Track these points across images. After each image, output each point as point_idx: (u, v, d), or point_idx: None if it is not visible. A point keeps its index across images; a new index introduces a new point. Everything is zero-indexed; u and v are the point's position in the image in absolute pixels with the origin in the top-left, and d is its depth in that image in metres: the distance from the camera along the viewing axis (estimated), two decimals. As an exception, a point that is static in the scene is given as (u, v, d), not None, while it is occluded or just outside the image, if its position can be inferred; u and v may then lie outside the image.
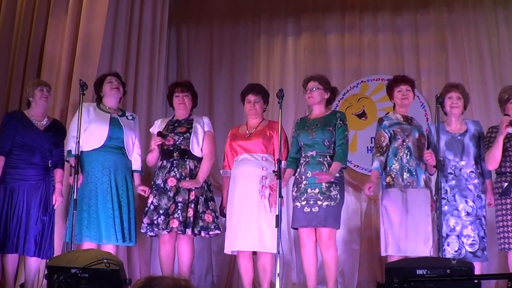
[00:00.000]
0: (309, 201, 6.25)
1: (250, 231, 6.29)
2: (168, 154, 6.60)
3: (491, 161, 6.21)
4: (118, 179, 6.51)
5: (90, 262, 4.90)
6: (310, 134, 6.42)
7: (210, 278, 8.42)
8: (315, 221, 6.23)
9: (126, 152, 6.61)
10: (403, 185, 6.29)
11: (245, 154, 6.54)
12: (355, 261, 8.09)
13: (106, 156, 6.47)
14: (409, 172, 6.30)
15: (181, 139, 6.61)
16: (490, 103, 8.01)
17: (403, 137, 6.36)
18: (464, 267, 4.75)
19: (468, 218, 6.21)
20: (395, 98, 6.53)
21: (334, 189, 6.25)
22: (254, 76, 8.78)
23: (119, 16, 7.52)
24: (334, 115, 6.51)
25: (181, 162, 6.56)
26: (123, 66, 7.53)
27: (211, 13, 9.24)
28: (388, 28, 8.80)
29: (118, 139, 6.56)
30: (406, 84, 6.54)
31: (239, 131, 6.76)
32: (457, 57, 8.53)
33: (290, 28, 9.06)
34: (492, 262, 7.16)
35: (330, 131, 6.37)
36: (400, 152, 6.35)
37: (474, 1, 8.64)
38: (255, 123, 6.69)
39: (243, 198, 6.40)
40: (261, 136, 6.54)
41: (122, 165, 6.57)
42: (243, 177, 6.46)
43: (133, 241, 6.54)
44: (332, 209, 6.21)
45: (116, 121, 6.61)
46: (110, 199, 6.41)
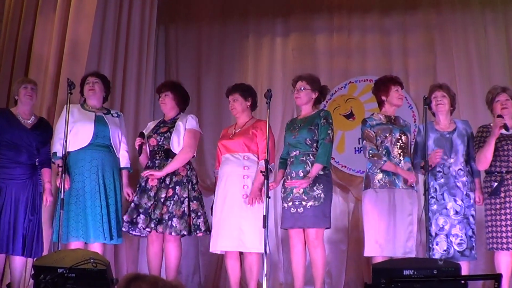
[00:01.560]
0: (295, 201, 6.27)
1: (231, 231, 6.29)
2: (153, 155, 6.60)
3: (483, 162, 6.24)
4: (106, 177, 6.49)
5: (77, 262, 4.88)
6: (293, 134, 6.45)
7: (197, 278, 8.41)
8: (301, 222, 6.25)
9: (114, 150, 6.60)
10: (379, 186, 6.30)
11: (227, 154, 6.54)
12: (342, 261, 8.10)
13: (94, 154, 6.45)
14: (385, 173, 6.31)
15: (162, 139, 6.59)
16: (478, 104, 8.03)
17: (382, 138, 6.37)
18: (451, 267, 4.77)
19: (456, 217, 6.23)
20: (391, 96, 6.48)
21: (318, 188, 6.25)
22: (242, 76, 8.76)
23: (107, 15, 7.50)
24: (318, 114, 6.50)
25: (163, 162, 6.53)
26: (111, 66, 7.52)
27: (199, 13, 9.22)
28: (377, 29, 8.82)
29: (104, 137, 6.54)
30: (401, 86, 6.60)
31: (228, 131, 6.76)
32: (445, 59, 8.56)
33: (278, 29, 9.06)
34: (479, 262, 7.18)
35: (312, 130, 6.37)
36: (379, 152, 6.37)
37: (462, 3, 8.67)
38: (242, 122, 6.68)
39: (225, 198, 6.40)
40: (242, 136, 6.52)
41: (109, 162, 6.55)
42: (225, 177, 6.47)
43: (120, 239, 6.53)
44: (316, 209, 6.22)
45: (101, 119, 6.60)
46: (99, 197, 6.38)
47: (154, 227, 6.34)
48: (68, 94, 6.23)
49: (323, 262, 6.37)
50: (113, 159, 6.61)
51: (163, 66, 9.12)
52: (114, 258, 7.14)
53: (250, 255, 6.34)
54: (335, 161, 8.19)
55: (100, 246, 6.37)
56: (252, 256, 6.33)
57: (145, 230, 6.35)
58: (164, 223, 6.35)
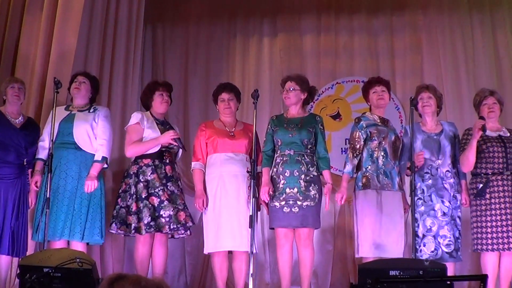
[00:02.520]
0: (288, 201, 6.24)
1: (241, 232, 6.25)
2: (159, 155, 6.53)
3: (466, 164, 6.28)
4: (69, 175, 6.40)
5: (63, 262, 4.87)
6: (290, 132, 6.40)
7: (184, 278, 8.39)
8: (296, 222, 6.22)
9: (80, 146, 6.48)
10: (379, 187, 6.31)
11: (231, 153, 6.49)
12: (328, 261, 8.11)
13: (57, 153, 6.31)
14: (385, 174, 6.33)
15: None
16: (464, 105, 8.08)
17: (379, 139, 6.37)
18: (437, 268, 4.78)
19: (444, 218, 6.25)
20: (371, 99, 6.55)
21: (313, 188, 6.27)
22: (229, 76, 8.76)
23: (94, 14, 7.48)
24: (314, 117, 6.54)
25: (173, 165, 6.61)
26: (98, 65, 7.49)
27: (187, 13, 9.20)
28: (364, 30, 8.84)
29: (69, 135, 6.46)
30: (381, 85, 6.57)
31: (215, 125, 6.68)
32: (432, 60, 8.60)
33: (265, 29, 9.06)
34: (465, 263, 7.22)
35: (310, 132, 6.39)
36: (376, 153, 6.37)
37: (449, 5, 8.71)
38: (231, 121, 6.68)
39: (233, 199, 6.37)
40: (246, 137, 6.52)
41: (74, 160, 6.44)
42: (232, 176, 6.42)
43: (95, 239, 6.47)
44: (312, 209, 6.23)
45: (71, 117, 6.54)
46: (68, 197, 6.34)
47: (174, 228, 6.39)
48: (54, 93, 6.20)
49: (312, 262, 6.37)
50: (79, 157, 6.48)
51: (150, 65, 9.08)
52: (100, 258, 7.11)
53: (241, 255, 6.33)
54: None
55: (85, 246, 6.34)
56: (243, 255, 6.32)
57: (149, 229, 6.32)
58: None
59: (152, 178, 6.41)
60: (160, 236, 6.47)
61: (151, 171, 6.44)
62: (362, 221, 6.33)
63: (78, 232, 6.32)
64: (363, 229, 6.31)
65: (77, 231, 6.33)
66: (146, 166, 6.47)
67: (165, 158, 6.54)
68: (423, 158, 6.26)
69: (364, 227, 6.30)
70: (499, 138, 6.41)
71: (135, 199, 6.40)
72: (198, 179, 6.57)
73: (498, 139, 6.40)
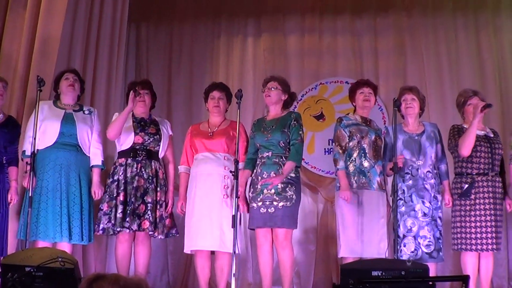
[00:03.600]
0: (265, 201, 6.25)
1: (212, 231, 6.27)
2: (133, 153, 6.53)
3: (467, 145, 6.26)
4: (71, 177, 6.37)
5: (45, 261, 4.84)
6: (266, 135, 6.41)
7: (166, 278, 8.38)
8: (271, 222, 6.23)
9: (82, 149, 6.49)
10: (356, 186, 6.35)
11: (207, 152, 6.51)
12: (311, 262, 8.12)
13: (58, 154, 6.34)
14: (362, 173, 6.36)
15: (151, 140, 6.59)
16: (447, 107, 8.12)
17: (358, 138, 6.42)
18: (419, 269, 4.79)
19: (424, 218, 6.27)
20: (357, 99, 6.58)
21: (290, 189, 6.26)
22: (213, 76, 8.75)
23: (78, 12, 7.43)
24: (289, 115, 6.51)
25: (147, 162, 6.53)
26: (82, 63, 7.44)
27: (171, 11, 9.19)
28: (348, 31, 8.86)
29: (71, 136, 6.43)
30: (369, 87, 6.61)
31: (200, 128, 6.71)
32: (416, 61, 8.63)
33: (250, 29, 9.06)
34: (446, 263, 7.26)
35: (285, 132, 6.38)
36: (355, 153, 6.41)
37: (433, 7, 8.74)
38: (217, 121, 6.67)
39: (205, 197, 6.38)
40: (224, 136, 6.51)
41: (76, 162, 6.43)
42: (205, 176, 6.43)
43: (85, 240, 6.42)
44: (288, 209, 6.22)
45: (70, 117, 6.50)
46: (59, 197, 6.29)
47: (153, 230, 6.39)
48: (37, 92, 6.17)
49: (291, 263, 6.37)
50: (80, 159, 6.48)
51: (133, 64, 9.07)
52: (82, 257, 7.09)
53: (223, 255, 6.33)
54: (304, 162, 8.19)
55: (68, 246, 6.30)
56: (225, 256, 6.31)
57: (126, 229, 6.32)
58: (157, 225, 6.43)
59: (122, 177, 6.44)
60: (141, 236, 6.46)
61: (122, 170, 6.46)
62: (342, 221, 6.37)
63: (76, 233, 6.33)
64: (343, 229, 6.35)
65: (76, 233, 6.33)
66: (120, 166, 6.50)
67: (139, 155, 6.53)
68: (402, 161, 6.28)
69: (344, 227, 6.34)
70: (485, 138, 6.45)
71: (108, 199, 6.44)
72: (181, 182, 6.66)
73: (484, 139, 6.43)
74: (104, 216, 6.39)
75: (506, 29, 8.57)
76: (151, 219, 6.35)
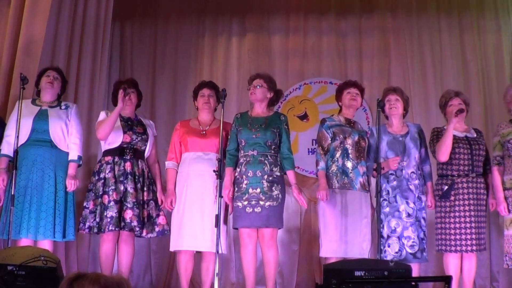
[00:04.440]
0: (251, 201, 6.24)
1: (204, 232, 6.25)
2: (120, 151, 6.51)
3: (443, 151, 6.32)
4: (45, 173, 6.33)
5: (27, 259, 4.81)
6: (254, 133, 6.39)
7: (149, 277, 8.36)
8: (258, 222, 6.22)
9: (56, 145, 6.43)
10: (338, 187, 6.37)
11: (200, 152, 6.49)
12: (294, 261, 8.12)
13: (31, 151, 6.30)
14: (344, 174, 6.38)
15: (138, 139, 6.57)
16: (431, 108, 8.15)
17: (341, 139, 6.44)
18: (402, 269, 4.79)
19: (408, 219, 6.29)
20: (344, 99, 6.60)
21: (276, 188, 6.27)
22: (197, 75, 8.74)
23: (62, 10, 7.40)
24: (278, 117, 6.53)
25: (135, 161, 6.52)
26: (65, 61, 7.41)
27: (156, 10, 9.17)
28: (332, 32, 8.86)
29: (44, 132, 6.38)
30: (357, 88, 6.65)
31: (190, 125, 6.67)
32: (400, 62, 8.66)
33: (234, 29, 9.05)
34: (429, 264, 7.28)
35: (274, 132, 6.39)
36: (337, 153, 6.43)
37: (418, 8, 8.77)
38: (208, 119, 6.66)
39: (198, 198, 6.36)
40: (218, 136, 6.44)
41: (50, 158, 6.38)
42: (198, 176, 6.41)
43: (58, 236, 6.34)
44: (274, 209, 6.23)
45: (44, 113, 6.46)
46: (30, 193, 6.25)
47: (140, 230, 6.38)
48: (20, 89, 6.15)
49: (276, 262, 6.39)
50: (55, 155, 6.42)
51: (117, 62, 9.02)
52: (64, 256, 7.06)
53: (210, 255, 6.31)
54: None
55: (50, 244, 6.28)
56: (211, 256, 6.29)
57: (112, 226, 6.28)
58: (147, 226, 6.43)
59: (109, 176, 6.40)
60: (125, 235, 6.44)
61: (109, 169, 6.43)
62: (324, 221, 6.39)
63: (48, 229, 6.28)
64: (325, 229, 6.37)
65: (58, 230, 6.30)
66: (106, 164, 6.46)
67: (126, 154, 6.50)
68: (398, 163, 6.31)
69: (326, 227, 6.36)
70: (465, 140, 6.47)
71: (94, 197, 6.41)
72: (169, 178, 6.60)
73: (464, 141, 6.46)
74: (90, 214, 6.36)
75: (490, 31, 8.62)
76: (138, 218, 6.34)
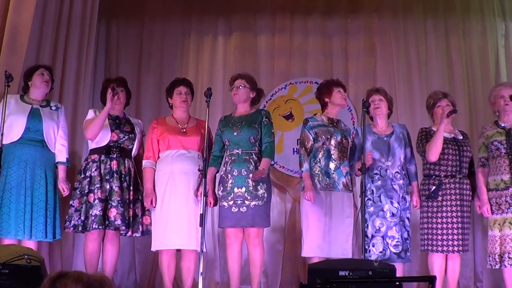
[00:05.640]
0: (237, 200, 6.25)
1: (191, 230, 6.24)
2: (106, 150, 6.49)
3: (434, 151, 6.34)
4: (36, 173, 6.33)
5: (11, 258, 4.80)
6: (235, 131, 6.41)
7: (133, 276, 8.34)
8: (244, 221, 6.24)
9: (47, 145, 6.44)
10: (320, 187, 6.38)
11: (183, 150, 6.46)
12: (278, 261, 8.13)
13: (23, 150, 6.30)
14: (326, 175, 6.39)
15: (125, 138, 6.57)
16: (416, 108, 8.19)
17: (323, 140, 6.46)
18: (386, 269, 4.81)
19: (393, 219, 6.31)
20: (334, 97, 6.61)
21: (261, 187, 6.28)
22: (182, 74, 8.64)
23: (48, 7, 7.36)
24: (259, 112, 6.54)
25: (121, 160, 6.50)
26: (50, 59, 7.37)
27: (142, 9, 9.13)
28: (318, 32, 8.87)
29: (37, 132, 6.39)
30: (343, 88, 6.69)
31: (167, 122, 6.65)
32: (385, 63, 8.68)
33: (220, 28, 9.03)
34: (413, 264, 7.31)
35: (255, 128, 6.40)
36: (319, 154, 6.45)
37: (404, 9, 8.79)
38: (184, 118, 6.66)
39: (182, 196, 6.34)
40: (198, 133, 6.49)
41: (41, 159, 6.38)
42: (181, 174, 6.39)
43: (49, 237, 6.37)
44: (260, 208, 6.24)
45: (37, 112, 6.45)
46: (23, 193, 6.24)
47: (125, 230, 6.38)
48: (5, 87, 6.14)
49: (262, 262, 6.40)
50: (46, 155, 6.44)
51: (103, 61, 8.98)
52: (48, 254, 7.04)
53: (190, 253, 6.32)
54: (273, 161, 8.22)
55: (34, 243, 6.26)
56: (191, 254, 6.30)
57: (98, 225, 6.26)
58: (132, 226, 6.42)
59: (95, 174, 6.39)
60: (111, 234, 6.43)
61: (95, 167, 6.41)
62: (307, 221, 6.40)
63: (40, 230, 6.28)
64: (307, 229, 6.38)
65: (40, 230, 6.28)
66: (93, 162, 6.44)
67: (113, 152, 6.48)
68: (371, 158, 6.32)
69: (308, 227, 6.37)
70: (453, 140, 6.51)
71: (79, 196, 6.38)
72: (147, 177, 6.51)
73: (452, 141, 6.49)
74: (76, 212, 6.34)
75: (475, 32, 8.67)
76: (123, 217, 6.32)
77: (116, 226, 6.30)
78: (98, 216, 6.25)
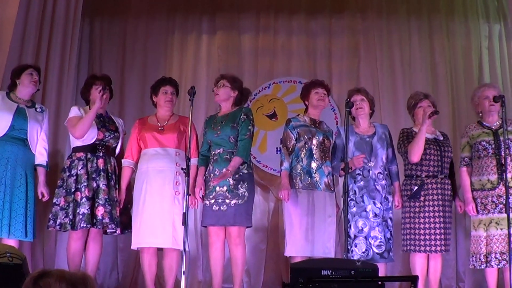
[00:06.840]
0: (218, 199, 6.26)
1: (164, 228, 6.24)
2: (93, 147, 6.46)
3: (416, 151, 6.37)
4: (17, 171, 6.31)
5: (-8, 256, 4.79)
6: (216, 132, 6.44)
7: (115, 274, 8.30)
8: (224, 220, 6.25)
9: (29, 145, 6.43)
10: (301, 187, 6.41)
11: (159, 148, 6.47)
12: (261, 260, 8.12)
13: (6, 147, 6.28)
14: (308, 174, 6.41)
15: (111, 136, 6.56)
16: (400, 109, 8.19)
17: (305, 139, 6.49)
18: (368, 268, 4.81)
19: (375, 219, 6.33)
20: (311, 99, 6.63)
21: (242, 186, 6.28)
22: (166, 72, 8.63)
23: (31, 5, 7.35)
24: (240, 110, 6.54)
25: (107, 158, 6.49)
26: (34, 56, 7.35)
27: (125, 7, 9.09)
28: (302, 31, 8.87)
29: (21, 130, 6.37)
30: (323, 88, 6.67)
31: (148, 121, 6.67)
32: (369, 63, 8.70)
33: (204, 26, 9.01)
34: (396, 263, 7.32)
35: (235, 127, 6.40)
36: (302, 153, 6.49)
37: (388, 9, 8.81)
38: (167, 116, 6.66)
39: (157, 194, 6.34)
40: (176, 130, 6.49)
41: (23, 157, 6.37)
42: (156, 172, 6.39)
43: (30, 236, 6.34)
44: (240, 207, 6.24)
45: (22, 112, 6.44)
46: (3, 191, 6.21)
47: (114, 228, 6.40)
48: (-12, 83, 6.13)
49: (243, 261, 6.41)
50: (28, 155, 6.43)
51: (86, 59, 8.92)
52: (30, 253, 7.01)
53: (172, 252, 6.32)
54: (256, 161, 8.22)
55: (16, 240, 6.24)
56: (173, 253, 6.31)
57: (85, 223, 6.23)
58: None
59: (81, 172, 6.36)
60: (94, 233, 6.42)
61: (82, 165, 6.38)
62: (289, 220, 6.42)
63: (19, 229, 6.25)
64: (289, 229, 6.40)
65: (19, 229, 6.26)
66: (78, 160, 6.41)
67: (99, 151, 6.47)
68: (362, 161, 6.34)
69: (290, 226, 6.39)
70: (435, 141, 6.53)
71: (65, 194, 6.35)
72: (123, 177, 6.59)
73: (434, 142, 6.52)
74: (61, 211, 6.30)
75: (459, 33, 8.71)
76: (110, 215, 6.32)
77: (103, 224, 6.29)
78: (86, 215, 6.22)
